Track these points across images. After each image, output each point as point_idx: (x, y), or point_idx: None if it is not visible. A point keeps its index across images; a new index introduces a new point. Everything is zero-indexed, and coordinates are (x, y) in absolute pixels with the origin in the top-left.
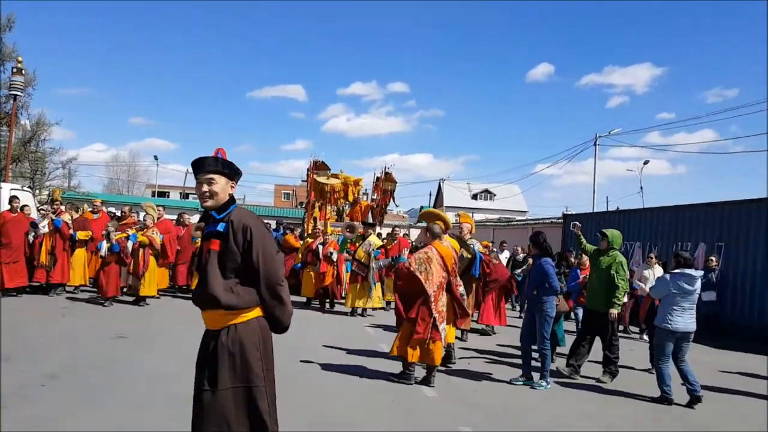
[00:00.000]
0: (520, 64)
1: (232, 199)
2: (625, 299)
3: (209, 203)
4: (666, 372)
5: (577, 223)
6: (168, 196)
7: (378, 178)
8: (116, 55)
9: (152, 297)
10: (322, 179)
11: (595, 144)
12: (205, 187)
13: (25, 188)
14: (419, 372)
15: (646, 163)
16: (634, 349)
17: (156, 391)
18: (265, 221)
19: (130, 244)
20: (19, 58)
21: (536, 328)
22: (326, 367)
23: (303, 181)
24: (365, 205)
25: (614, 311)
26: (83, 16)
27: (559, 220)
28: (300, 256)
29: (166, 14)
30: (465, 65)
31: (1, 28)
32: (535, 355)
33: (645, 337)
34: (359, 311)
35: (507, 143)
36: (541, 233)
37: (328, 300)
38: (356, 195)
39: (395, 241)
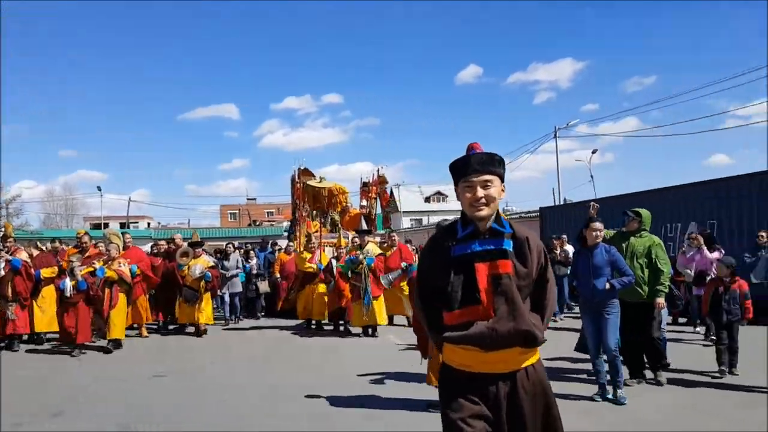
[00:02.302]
0: (448, 67)
1: None
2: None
3: (485, 212)
4: None
5: (596, 204)
6: (107, 227)
7: (365, 183)
8: (34, 85)
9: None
10: (314, 183)
11: (555, 137)
12: (481, 192)
13: None
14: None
15: (594, 152)
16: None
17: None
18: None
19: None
20: None
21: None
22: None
23: (249, 199)
24: (355, 213)
25: (661, 300)
26: None
27: (529, 214)
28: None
29: (83, 39)
30: (395, 72)
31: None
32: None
33: (699, 329)
34: (370, 331)
35: (446, 145)
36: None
37: (342, 321)
38: (344, 204)
39: (394, 248)
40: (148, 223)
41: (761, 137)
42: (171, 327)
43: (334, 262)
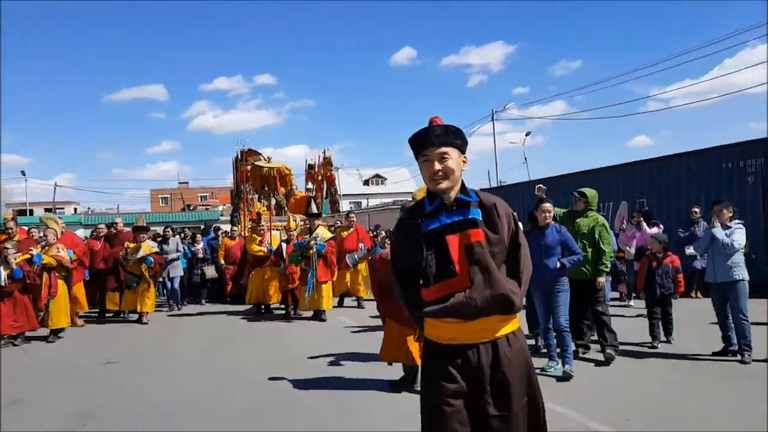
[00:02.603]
0: (383, 48)
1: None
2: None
3: (444, 185)
4: None
5: (542, 186)
6: (32, 214)
7: (311, 166)
8: None
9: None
10: (262, 163)
11: (492, 119)
12: (437, 165)
13: None
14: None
15: (528, 134)
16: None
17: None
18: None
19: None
20: None
21: None
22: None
23: (180, 183)
24: (301, 196)
25: (601, 279)
26: None
27: None
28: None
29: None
30: (330, 54)
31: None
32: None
33: (632, 303)
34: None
35: (383, 129)
36: None
37: (293, 305)
38: (290, 186)
39: (351, 230)
40: (75, 209)
41: (680, 119)
42: (109, 314)
43: (284, 245)
